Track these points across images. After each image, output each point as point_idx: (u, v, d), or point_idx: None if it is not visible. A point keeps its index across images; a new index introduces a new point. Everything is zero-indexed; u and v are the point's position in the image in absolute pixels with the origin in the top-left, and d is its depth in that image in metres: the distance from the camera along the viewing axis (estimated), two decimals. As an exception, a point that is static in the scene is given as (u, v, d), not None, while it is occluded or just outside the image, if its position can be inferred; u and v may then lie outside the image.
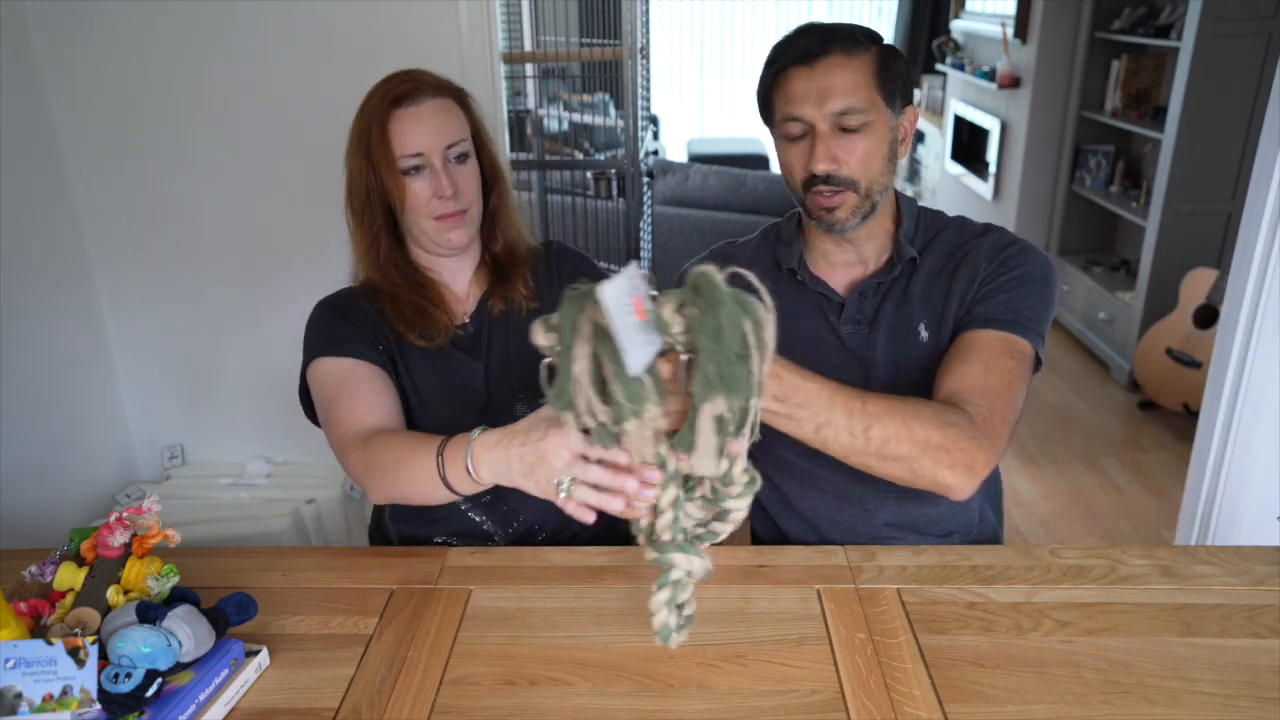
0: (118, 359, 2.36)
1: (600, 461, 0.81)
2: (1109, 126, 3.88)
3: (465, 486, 0.97)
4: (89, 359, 2.28)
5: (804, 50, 1.07)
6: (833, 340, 1.17)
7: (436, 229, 1.17)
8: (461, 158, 1.17)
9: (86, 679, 0.82)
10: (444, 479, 0.97)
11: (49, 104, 2.11)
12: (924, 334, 1.15)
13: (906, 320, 1.16)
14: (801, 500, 1.23)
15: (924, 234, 1.19)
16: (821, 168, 1.07)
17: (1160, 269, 3.32)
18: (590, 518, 0.84)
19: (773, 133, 1.16)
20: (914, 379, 1.14)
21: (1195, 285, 3.06)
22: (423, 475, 0.99)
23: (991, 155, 4.61)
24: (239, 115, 2.16)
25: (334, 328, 1.20)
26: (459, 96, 1.19)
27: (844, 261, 1.19)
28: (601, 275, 1.20)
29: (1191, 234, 3.30)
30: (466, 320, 1.26)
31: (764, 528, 1.32)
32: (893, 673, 0.90)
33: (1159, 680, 0.88)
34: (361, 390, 1.14)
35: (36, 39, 2.06)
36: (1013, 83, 4.33)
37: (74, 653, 0.82)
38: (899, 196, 1.20)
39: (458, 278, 1.27)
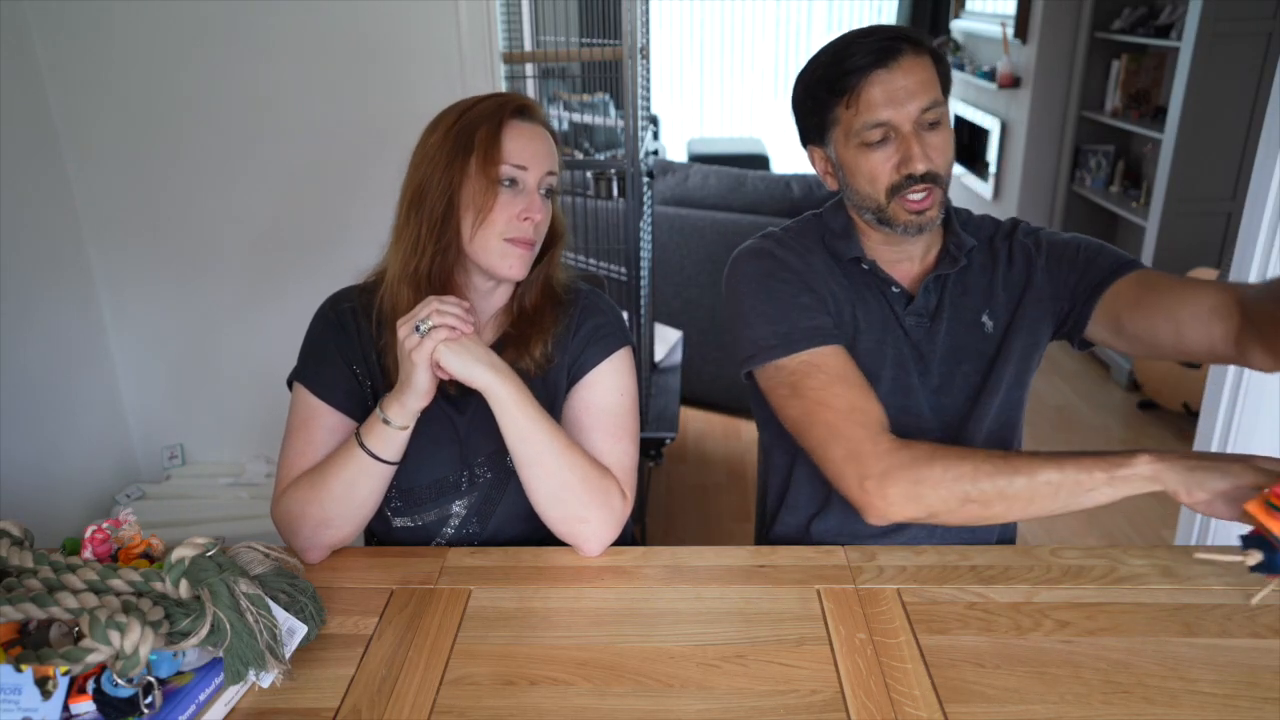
0: (118, 359, 2.36)
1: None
2: (1109, 126, 3.88)
3: (384, 439, 1.07)
4: (89, 359, 2.28)
5: (878, 52, 1.04)
6: (896, 330, 1.18)
7: (502, 251, 1.10)
8: (549, 193, 1.13)
9: (49, 712, 0.76)
10: (361, 443, 1.07)
11: (49, 104, 2.11)
12: (988, 324, 1.18)
13: (968, 311, 1.18)
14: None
15: (960, 222, 1.22)
16: (921, 167, 1.06)
17: (1160, 269, 3.32)
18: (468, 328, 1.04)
19: (826, 144, 1.14)
20: (971, 367, 1.17)
21: (1195, 285, 3.05)
22: (343, 457, 1.08)
23: (991, 155, 4.61)
24: (240, 114, 2.16)
25: (324, 357, 1.16)
26: (556, 139, 1.16)
27: (903, 257, 1.19)
28: (623, 334, 1.20)
29: (1191, 234, 3.30)
30: None
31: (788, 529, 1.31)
32: (893, 673, 0.90)
33: (1159, 680, 0.88)
34: (315, 442, 1.13)
35: (37, 39, 2.06)
36: (1013, 83, 4.33)
37: (42, 682, 0.76)
38: None
39: (481, 311, 1.19)
